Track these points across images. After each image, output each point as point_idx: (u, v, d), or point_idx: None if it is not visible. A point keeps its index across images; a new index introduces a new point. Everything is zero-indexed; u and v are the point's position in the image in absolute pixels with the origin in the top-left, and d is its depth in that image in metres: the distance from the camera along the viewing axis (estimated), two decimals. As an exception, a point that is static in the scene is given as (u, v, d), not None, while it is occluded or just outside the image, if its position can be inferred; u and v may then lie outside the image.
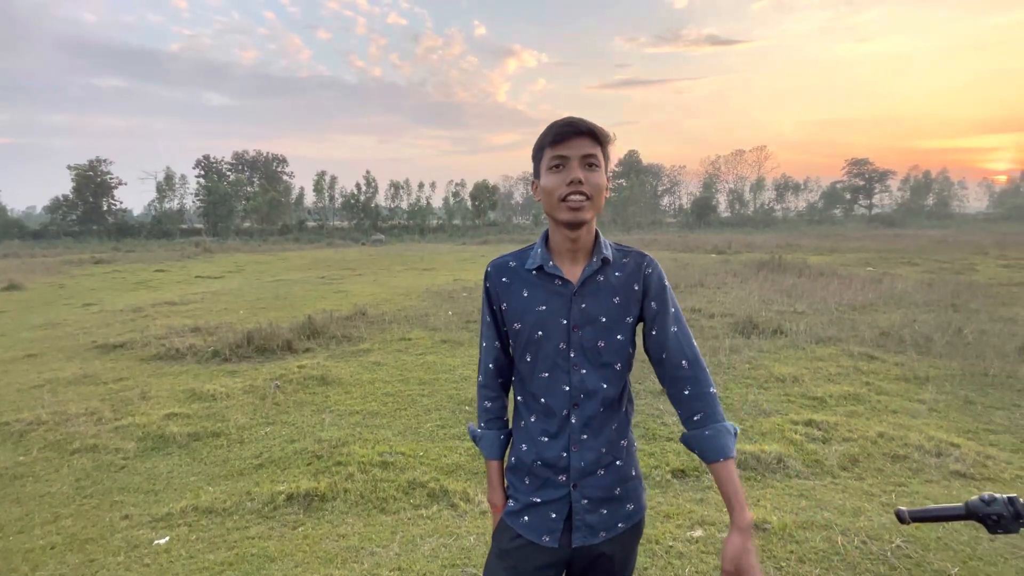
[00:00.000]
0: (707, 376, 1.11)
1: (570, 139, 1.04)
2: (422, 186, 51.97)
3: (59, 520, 2.77)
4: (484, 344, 1.22)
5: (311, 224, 47.82)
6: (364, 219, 47.74)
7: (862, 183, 61.20)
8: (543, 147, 1.08)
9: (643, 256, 1.14)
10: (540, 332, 1.10)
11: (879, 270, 12.54)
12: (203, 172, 51.28)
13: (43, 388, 4.88)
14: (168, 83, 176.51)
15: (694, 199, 58.10)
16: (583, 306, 1.09)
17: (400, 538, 2.54)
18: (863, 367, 5.05)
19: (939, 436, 3.46)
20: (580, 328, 1.09)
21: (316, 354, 5.85)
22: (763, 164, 63.79)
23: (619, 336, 1.10)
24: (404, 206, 51.38)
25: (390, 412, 4.17)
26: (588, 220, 1.06)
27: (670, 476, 3.07)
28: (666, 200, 67.07)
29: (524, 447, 1.14)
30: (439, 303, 8.88)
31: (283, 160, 57.12)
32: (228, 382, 4.89)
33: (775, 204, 61.09)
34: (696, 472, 3.09)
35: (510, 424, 1.25)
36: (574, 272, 1.11)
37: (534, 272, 1.13)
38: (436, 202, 52.68)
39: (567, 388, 1.09)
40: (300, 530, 2.63)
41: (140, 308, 9.08)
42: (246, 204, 46.49)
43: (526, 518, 1.12)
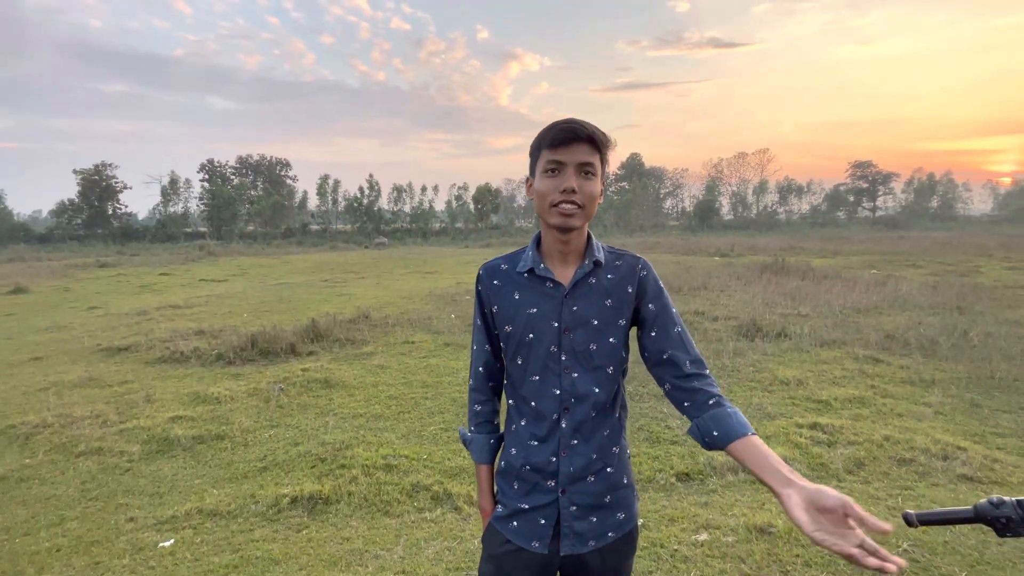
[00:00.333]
0: (710, 373, 1.11)
1: (569, 144, 1.02)
2: (425, 189, 52.14)
3: (65, 522, 2.78)
4: (475, 347, 1.21)
5: (314, 227, 47.95)
6: (367, 222, 47.86)
7: (865, 185, 61.03)
8: (540, 147, 1.06)
9: (637, 259, 1.13)
10: (531, 335, 1.09)
11: (883, 273, 12.49)
12: (207, 176, 51.54)
13: (49, 391, 4.90)
14: (173, 88, 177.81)
15: (697, 202, 58.07)
16: (574, 308, 1.08)
17: (404, 541, 2.54)
18: (868, 370, 5.03)
19: (945, 439, 3.44)
20: (571, 331, 1.07)
21: (320, 357, 5.86)
22: (766, 166, 63.77)
23: (611, 339, 1.08)
24: (407, 209, 51.47)
25: (393, 415, 4.17)
26: (578, 227, 1.05)
27: (674, 479, 3.06)
28: (669, 203, 67.05)
29: (513, 451, 1.13)
30: (442, 306, 8.89)
31: (287, 164, 57.37)
32: (232, 385, 4.90)
33: (778, 207, 60.98)
34: (700, 475, 3.08)
35: (501, 428, 1.24)
36: (565, 274, 1.10)
37: (525, 275, 1.11)
38: (439, 205, 52.84)
39: (558, 392, 1.08)
40: (304, 533, 2.64)
41: (145, 311, 9.12)
42: (250, 208, 46.66)
43: (515, 523, 1.11)
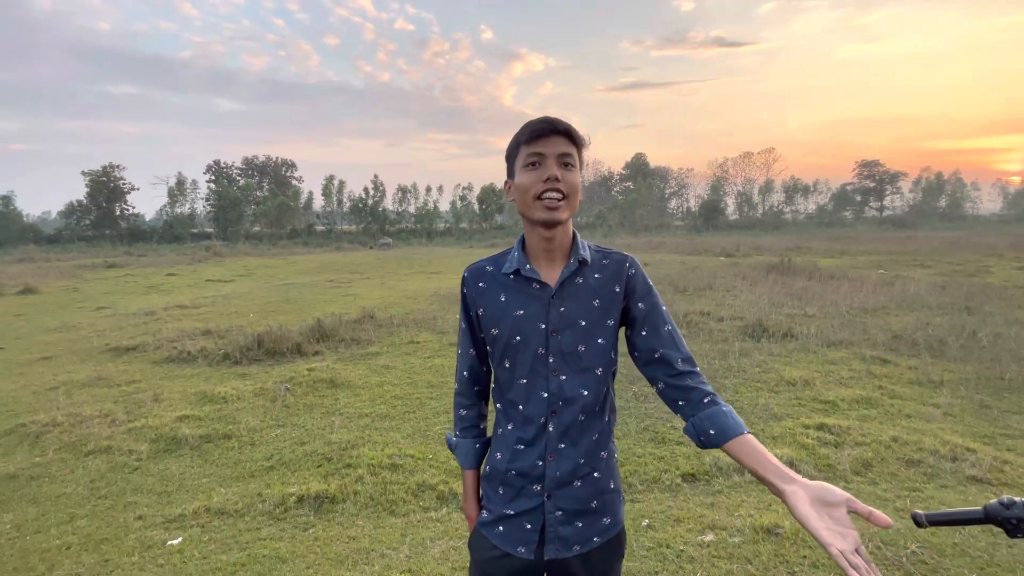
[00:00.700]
0: (700, 371, 1.09)
1: (547, 136, 1.02)
2: (429, 190, 52.20)
3: (75, 520, 2.81)
4: (460, 351, 1.20)
5: (319, 228, 48.14)
6: (372, 223, 47.98)
7: (873, 185, 60.55)
8: (518, 144, 1.05)
9: (624, 257, 1.11)
10: (518, 337, 1.07)
11: (891, 273, 12.40)
12: (214, 177, 51.88)
13: (58, 390, 4.95)
14: (179, 90, 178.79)
15: (702, 202, 57.79)
16: (561, 309, 1.06)
17: (410, 540, 2.55)
18: (876, 371, 4.99)
19: (954, 441, 3.41)
20: (559, 332, 1.06)
21: (325, 357, 5.88)
22: (772, 166, 63.39)
23: (600, 340, 1.06)
24: (411, 210, 51.55)
25: (399, 415, 4.19)
26: (564, 220, 1.04)
27: (680, 480, 3.05)
28: (673, 203, 66.82)
29: (499, 455, 1.11)
30: (446, 306, 8.91)
31: (292, 165, 57.63)
32: (239, 385, 4.93)
33: (784, 206, 60.59)
34: (706, 476, 3.07)
35: (488, 432, 1.22)
36: (552, 275, 1.08)
37: (511, 276, 1.09)
38: (443, 206, 52.83)
39: (545, 395, 1.06)
40: (311, 532, 2.65)
41: (152, 312, 9.19)
42: (256, 208, 46.89)
43: (501, 528, 1.10)
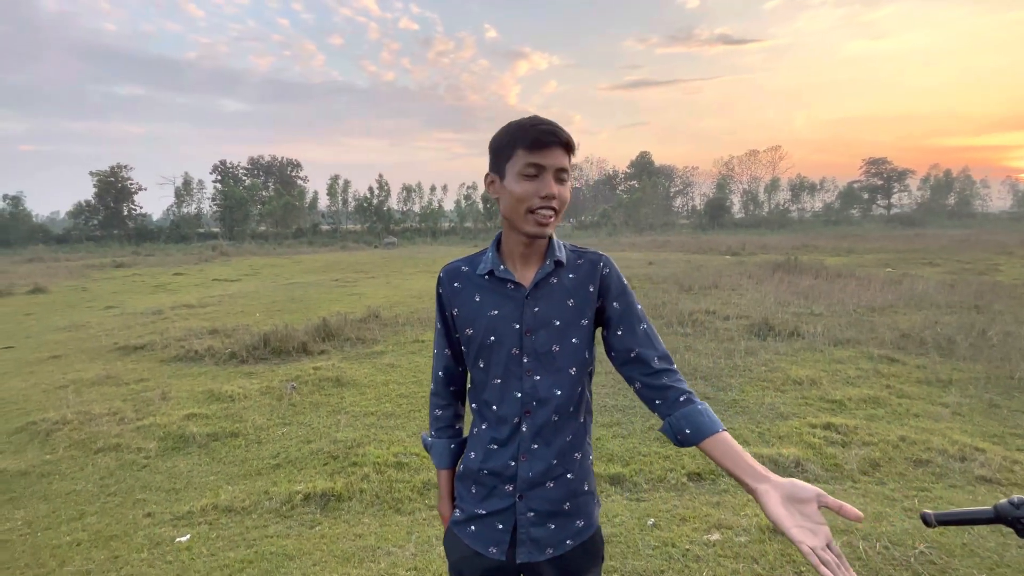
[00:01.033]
0: (677, 368, 1.08)
1: (549, 148, 0.99)
2: (434, 189, 52.29)
3: (85, 517, 2.84)
4: (436, 351, 1.20)
5: (325, 227, 48.31)
6: (377, 222, 48.11)
7: (880, 183, 60.09)
8: (514, 146, 1.01)
9: (599, 256, 1.11)
10: (492, 337, 1.06)
11: (899, 271, 12.30)
12: (220, 177, 52.20)
13: (68, 388, 5.00)
14: (185, 90, 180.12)
15: (707, 200, 57.54)
16: (536, 309, 1.06)
17: (416, 538, 2.56)
18: (883, 370, 4.96)
19: (963, 440, 3.38)
20: (533, 332, 1.05)
21: (331, 356, 5.91)
22: (778, 164, 63.09)
23: (574, 339, 1.06)
24: (416, 209, 51.69)
25: (404, 413, 4.20)
26: (550, 234, 1.05)
27: (685, 479, 3.04)
28: (679, 201, 66.58)
29: (473, 455, 1.11)
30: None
31: (297, 164, 57.90)
32: (245, 383, 4.96)
33: (790, 205, 60.25)
34: (712, 475, 3.06)
35: (464, 433, 1.22)
36: (526, 275, 1.08)
37: (486, 277, 1.09)
38: (448, 205, 52.94)
39: (519, 395, 1.06)
40: (317, 529, 2.67)
41: (160, 311, 9.26)
42: (261, 208, 47.13)
43: (472, 528, 1.10)
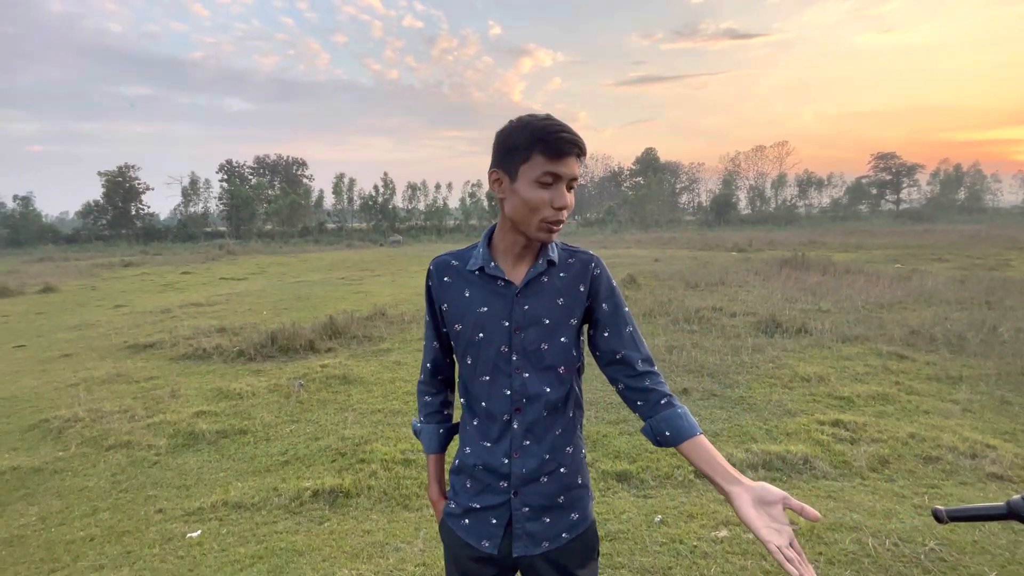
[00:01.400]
0: (659, 371, 1.11)
1: (568, 157, 0.98)
2: (439, 187, 52.29)
3: (97, 513, 2.88)
4: (425, 343, 1.22)
5: (330, 226, 48.49)
6: (382, 220, 48.20)
7: (889, 178, 59.47)
8: (531, 149, 0.97)
9: (591, 257, 1.11)
10: (481, 334, 1.06)
11: (908, 267, 12.19)
12: (226, 176, 52.49)
13: (79, 387, 5.06)
14: (191, 90, 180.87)
15: (713, 196, 57.21)
16: (525, 308, 1.06)
17: (424, 534, 2.57)
18: (892, 366, 4.92)
19: (974, 437, 3.35)
20: (522, 330, 1.05)
21: (338, 354, 5.94)
22: (784, 160, 62.55)
23: (563, 338, 1.06)
24: (421, 207, 51.73)
25: (411, 411, 4.22)
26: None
27: (692, 476, 3.04)
28: (685, 198, 66.25)
29: (468, 450, 1.12)
30: (458, 303, 8.93)
31: (303, 163, 58.10)
32: (253, 381, 5.00)
33: (797, 201, 59.77)
34: (720, 472, 3.05)
35: (454, 419, 1.24)
36: (517, 273, 1.07)
37: (476, 273, 1.09)
38: (453, 202, 52.95)
39: (508, 392, 1.06)
40: (326, 525, 2.69)
41: (168, 309, 9.35)
42: (267, 207, 47.35)
43: (466, 521, 1.11)
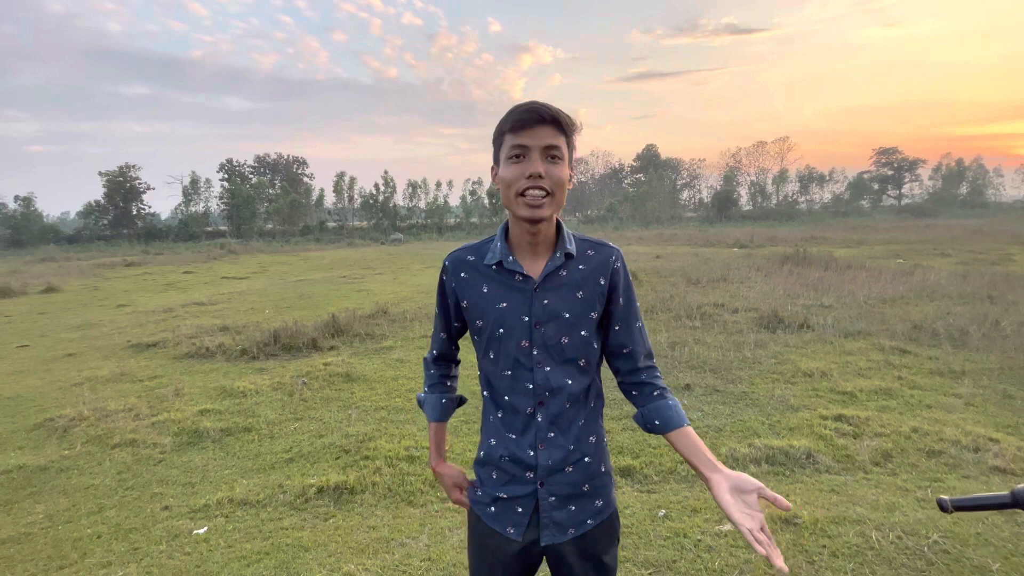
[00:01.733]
0: (657, 366, 1.16)
1: (532, 127, 0.97)
2: (439, 185, 52.22)
3: (104, 511, 2.90)
4: (434, 331, 1.26)
5: (331, 225, 48.47)
6: (383, 219, 48.19)
7: (891, 173, 59.34)
8: (503, 132, 1.01)
9: (611, 249, 1.10)
10: (501, 329, 1.07)
11: (910, 262, 12.16)
12: (226, 175, 52.48)
13: (83, 386, 5.08)
14: (191, 89, 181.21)
15: (715, 192, 57.08)
16: (545, 302, 1.05)
17: (428, 530, 2.58)
18: (895, 361, 4.92)
19: (977, 431, 3.36)
20: (542, 325, 1.05)
21: (340, 352, 5.95)
22: (786, 155, 62.33)
23: (583, 332, 1.07)
24: (422, 205, 51.69)
25: (414, 407, 4.23)
26: (547, 217, 1.01)
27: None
28: (686, 194, 66.09)
29: (493, 442, 1.13)
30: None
31: (303, 162, 58.08)
32: (257, 379, 5.01)
33: (799, 196, 59.63)
34: (723, 467, 3.06)
35: (456, 391, 1.31)
36: (535, 267, 1.07)
37: (494, 267, 1.08)
38: (453, 200, 52.88)
39: (531, 386, 1.06)
40: (331, 521, 2.70)
41: (171, 308, 9.37)
42: (268, 206, 47.35)
43: (492, 509, 1.13)
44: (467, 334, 1.22)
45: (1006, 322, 5.97)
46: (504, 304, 1.07)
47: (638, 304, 1.15)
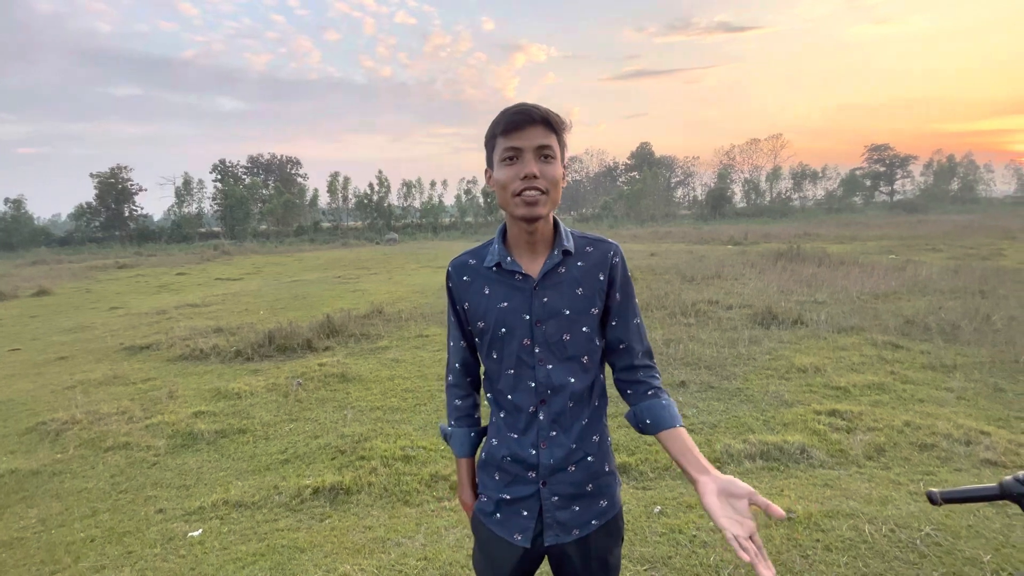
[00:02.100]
0: (655, 365, 1.16)
1: (523, 128, 0.99)
2: (434, 184, 52.07)
3: (97, 514, 2.88)
4: (451, 344, 1.21)
5: (326, 225, 48.27)
6: (377, 219, 48.06)
7: (883, 169, 59.68)
8: (495, 135, 1.02)
9: (609, 244, 1.11)
10: (503, 329, 1.07)
11: (902, 258, 12.26)
12: (219, 176, 52.16)
13: (76, 389, 5.04)
14: (182, 89, 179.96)
15: (708, 190, 57.23)
16: (545, 300, 1.06)
17: (425, 529, 2.58)
18: (887, 356, 4.96)
19: (968, 424, 3.39)
20: (543, 323, 1.06)
21: (336, 352, 5.94)
22: (779, 153, 62.58)
23: (584, 328, 1.07)
24: (417, 204, 51.57)
25: (410, 407, 4.22)
26: (544, 215, 1.02)
27: (691, 467, 3.06)
28: (680, 192, 66.25)
29: (495, 442, 1.13)
30: (455, 300, 8.92)
31: (297, 162, 57.80)
32: (251, 381, 4.99)
33: (792, 193, 59.88)
34: (717, 464, 3.08)
35: (483, 422, 1.24)
36: (534, 266, 1.08)
37: (493, 269, 1.10)
38: (448, 200, 52.79)
39: (533, 384, 1.07)
40: (327, 522, 2.69)
41: (164, 310, 9.31)
42: (262, 207, 47.09)
43: (498, 515, 1.12)
44: None
45: (997, 316, 6.03)
46: (505, 304, 1.08)
47: (636, 301, 1.15)
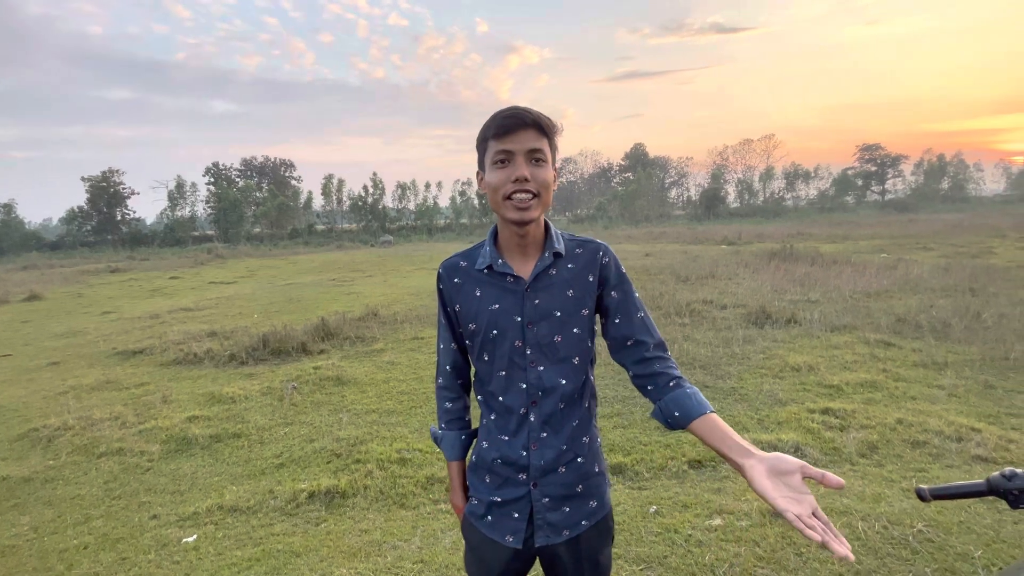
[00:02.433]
0: (670, 355, 1.12)
1: (515, 132, 0.99)
2: (428, 186, 52.00)
3: (90, 521, 2.85)
4: (441, 346, 1.21)
5: (320, 227, 48.12)
6: (372, 221, 47.94)
7: (874, 169, 60.16)
8: (486, 138, 1.03)
9: (598, 245, 1.11)
10: (495, 331, 1.08)
11: (893, 256, 12.36)
12: (213, 179, 51.86)
13: (68, 395, 5.00)
14: (175, 92, 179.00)
15: (702, 190, 57.51)
16: (536, 302, 1.07)
17: (421, 532, 2.58)
18: (880, 354, 5.00)
19: (959, 421, 3.42)
20: (535, 324, 1.06)
21: (331, 355, 5.92)
22: (772, 153, 62.99)
23: (575, 329, 1.08)
24: (411, 207, 51.46)
25: (406, 410, 4.22)
26: (536, 219, 1.03)
27: (687, 467, 3.07)
28: (674, 192, 66.52)
29: (485, 445, 1.14)
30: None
31: (291, 165, 57.58)
32: (246, 385, 4.97)
33: (785, 193, 60.25)
34: (713, 463, 3.09)
35: (473, 424, 1.24)
36: (525, 268, 1.08)
37: (485, 271, 1.10)
38: (443, 201, 52.70)
39: (524, 386, 1.07)
40: (323, 526, 2.69)
41: (157, 315, 9.24)
42: (256, 210, 46.86)
43: (489, 518, 1.12)
44: None
45: (987, 314, 6.09)
46: (496, 306, 1.08)
47: (638, 296, 1.14)
